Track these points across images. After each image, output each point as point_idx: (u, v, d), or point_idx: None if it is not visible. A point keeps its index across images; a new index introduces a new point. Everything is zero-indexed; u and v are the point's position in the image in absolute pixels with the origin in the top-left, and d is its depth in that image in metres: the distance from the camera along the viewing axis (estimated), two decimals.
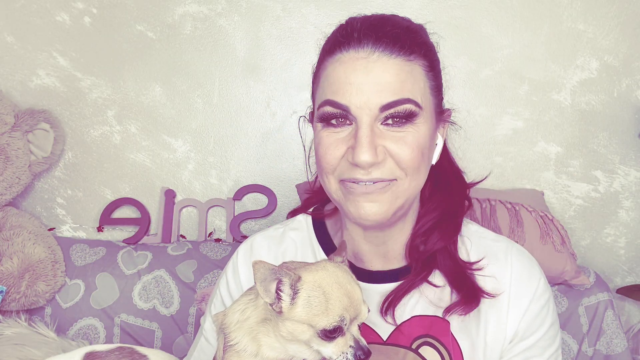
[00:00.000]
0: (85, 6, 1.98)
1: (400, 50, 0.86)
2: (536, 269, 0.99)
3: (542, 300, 0.96)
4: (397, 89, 0.84)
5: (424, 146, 0.87)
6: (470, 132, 1.99)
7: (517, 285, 0.95)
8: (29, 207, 2.01)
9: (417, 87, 0.86)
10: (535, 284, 0.97)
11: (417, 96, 0.86)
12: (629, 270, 1.98)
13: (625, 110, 1.96)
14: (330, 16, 1.97)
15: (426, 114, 0.88)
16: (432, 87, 0.90)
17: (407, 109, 0.85)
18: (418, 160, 0.87)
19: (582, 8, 1.94)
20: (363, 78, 0.84)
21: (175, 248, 1.86)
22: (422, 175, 0.90)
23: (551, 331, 0.97)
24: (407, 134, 0.86)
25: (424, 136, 0.87)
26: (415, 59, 0.87)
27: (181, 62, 1.99)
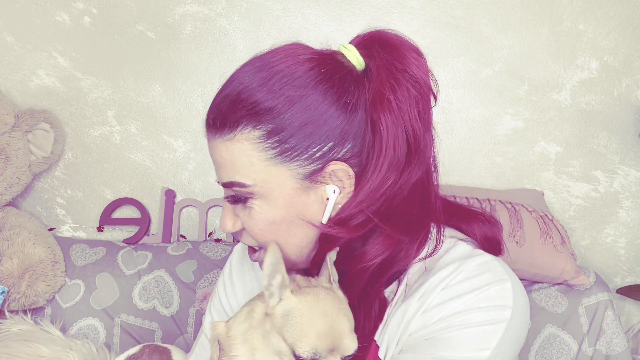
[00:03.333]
0: (85, 6, 1.98)
1: (221, 130, 0.80)
2: (482, 280, 0.80)
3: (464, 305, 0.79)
4: (224, 170, 0.82)
5: (273, 220, 0.81)
6: (470, 132, 1.99)
7: (444, 293, 0.81)
8: (29, 207, 2.01)
9: (242, 166, 0.80)
10: (465, 292, 0.80)
11: (244, 176, 0.80)
12: (629, 270, 1.98)
13: (625, 110, 1.96)
14: (330, 16, 1.97)
15: (268, 187, 0.80)
16: (277, 155, 0.78)
17: (235, 191, 0.81)
18: (269, 234, 0.82)
19: (582, 8, 1.94)
20: (211, 156, 0.85)
21: (175, 248, 1.86)
22: (291, 240, 0.83)
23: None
24: (252, 210, 0.82)
25: (272, 210, 0.81)
26: (239, 133, 0.79)
27: (181, 62, 1.99)
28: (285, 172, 0.80)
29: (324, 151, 0.79)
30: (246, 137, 0.79)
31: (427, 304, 0.81)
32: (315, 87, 0.79)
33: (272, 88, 0.79)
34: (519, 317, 0.80)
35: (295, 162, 0.79)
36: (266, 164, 0.79)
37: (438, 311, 0.79)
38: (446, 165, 1.99)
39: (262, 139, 0.78)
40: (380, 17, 1.97)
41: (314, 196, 0.82)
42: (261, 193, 0.81)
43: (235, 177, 0.81)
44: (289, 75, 0.79)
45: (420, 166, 0.84)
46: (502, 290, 0.79)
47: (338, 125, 0.79)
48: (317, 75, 0.79)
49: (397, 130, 0.80)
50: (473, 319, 0.78)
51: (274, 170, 0.79)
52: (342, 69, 0.81)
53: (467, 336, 0.77)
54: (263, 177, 0.80)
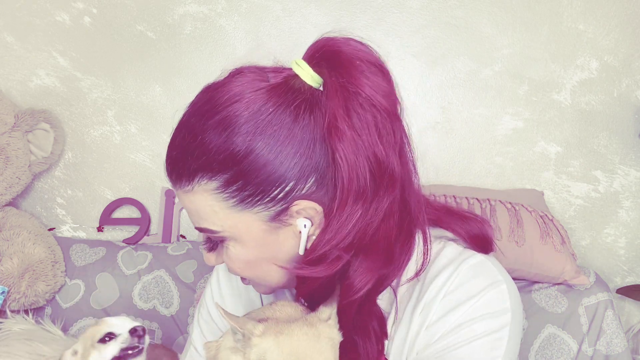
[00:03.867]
0: (85, 6, 1.98)
1: (179, 183, 0.80)
2: (479, 285, 0.79)
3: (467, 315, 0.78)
4: (193, 216, 0.82)
5: (247, 260, 0.82)
6: (470, 132, 1.99)
7: (445, 303, 0.80)
8: (29, 207, 2.01)
9: (205, 216, 0.79)
10: (465, 299, 0.79)
11: (213, 222, 0.79)
12: (629, 270, 1.98)
13: (625, 110, 1.96)
14: (330, 16, 1.97)
15: (235, 232, 0.79)
16: (238, 203, 0.77)
17: (207, 235, 0.83)
18: (247, 271, 0.83)
19: (582, 8, 1.94)
20: None
21: (175, 248, 1.86)
22: (273, 276, 0.84)
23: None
24: (228, 250, 0.82)
25: (243, 252, 0.81)
26: (197, 184, 0.77)
27: (181, 62, 1.99)
28: (250, 217, 0.78)
29: (286, 191, 0.76)
30: (204, 189, 0.77)
31: (430, 317, 0.79)
32: (268, 126, 0.74)
33: (221, 137, 0.75)
34: (518, 316, 0.80)
35: (258, 206, 0.77)
36: (229, 212, 0.78)
37: (441, 325, 0.78)
38: (446, 165, 1.99)
39: (220, 189, 0.76)
40: (380, 17, 1.97)
41: (285, 234, 0.80)
42: (232, 237, 0.80)
43: (203, 224, 0.80)
44: (240, 117, 0.75)
45: (391, 190, 0.78)
46: (499, 294, 0.79)
47: (297, 163, 0.75)
48: (269, 113, 0.75)
49: (358, 159, 0.75)
50: (476, 331, 0.77)
51: (238, 216, 0.78)
52: (295, 99, 0.76)
53: (475, 350, 0.77)
54: (229, 223, 0.78)
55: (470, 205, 1.75)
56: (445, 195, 1.79)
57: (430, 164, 2.00)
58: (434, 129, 1.99)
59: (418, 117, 1.99)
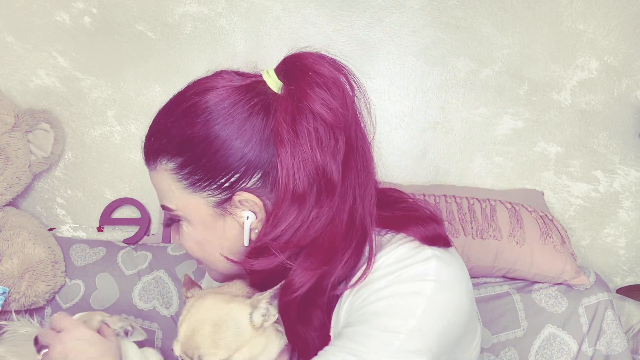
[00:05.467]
0: (85, 6, 1.98)
1: (147, 162, 0.92)
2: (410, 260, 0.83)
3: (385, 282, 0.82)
4: (158, 195, 0.92)
5: (200, 240, 0.90)
6: (470, 132, 1.99)
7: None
8: (29, 207, 2.01)
9: (165, 193, 0.89)
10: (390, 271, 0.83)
11: (168, 201, 0.90)
12: (629, 270, 1.98)
13: (625, 110, 1.96)
14: (330, 16, 1.97)
15: (187, 213, 0.88)
16: (190, 185, 0.86)
17: (168, 213, 0.91)
18: (197, 251, 0.92)
19: (582, 8, 1.94)
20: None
21: (176, 248, 1.86)
22: (220, 260, 0.91)
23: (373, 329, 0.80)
24: (182, 229, 0.92)
25: (194, 233, 0.90)
26: (159, 163, 0.89)
27: (181, 62, 2.00)
28: (200, 200, 0.86)
29: (231, 182, 0.84)
30: (164, 168, 0.88)
31: (359, 286, 0.84)
32: (224, 120, 0.83)
33: (185, 122, 0.85)
34: (445, 291, 0.82)
35: (206, 191, 0.86)
36: (182, 192, 0.87)
37: (367, 289, 0.83)
38: (446, 165, 1.99)
39: (176, 170, 0.86)
40: (380, 17, 1.97)
41: (230, 222, 0.88)
42: (184, 216, 0.89)
43: (163, 202, 0.91)
44: (200, 109, 0.84)
45: (330, 198, 0.82)
46: (425, 267, 0.82)
47: (243, 157, 0.83)
48: (226, 108, 0.83)
49: (295, 165, 0.81)
50: (396, 291, 0.81)
51: (189, 198, 0.87)
52: (252, 99, 0.84)
53: (393, 307, 0.80)
54: (182, 203, 0.88)
55: (471, 205, 1.75)
56: (445, 195, 1.79)
57: (430, 164, 2.00)
58: (434, 129, 1.99)
59: (418, 117, 2.00)
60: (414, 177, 2.00)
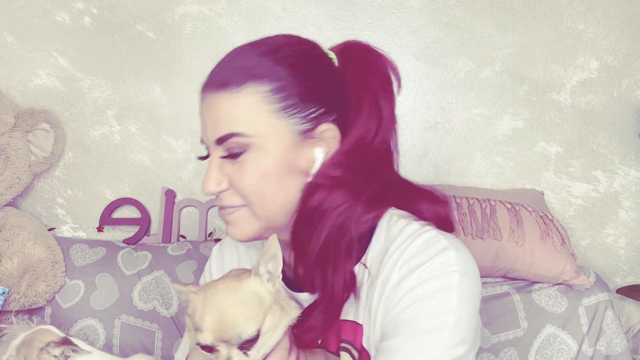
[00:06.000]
0: (85, 6, 1.98)
1: (228, 84, 0.90)
2: (430, 252, 0.87)
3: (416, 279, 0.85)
4: (224, 123, 0.90)
5: (265, 173, 0.90)
6: (470, 132, 1.99)
7: (402, 271, 0.87)
8: (29, 207, 2.01)
9: (245, 117, 0.89)
10: (417, 265, 0.86)
11: (246, 126, 0.89)
12: (629, 270, 1.98)
13: (625, 110, 1.96)
14: (330, 16, 1.97)
15: (267, 140, 0.89)
16: (279, 110, 0.89)
17: (235, 141, 0.89)
18: (258, 187, 0.90)
19: (582, 8, 1.94)
20: (205, 116, 0.93)
21: (176, 248, 1.86)
22: (275, 199, 0.92)
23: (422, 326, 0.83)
24: (244, 163, 0.90)
25: (266, 162, 0.90)
26: (247, 87, 0.89)
27: (181, 62, 2.00)
28: (284, 127, 0.89)
29: (319, 113, 0.91)
30: (254, 91, 0.88)
31: (387, 288, 0.87)
32: (315, 60, 0.93)
33: (277, 54, 0.91)
34: (467, 278, 0.86)
35: (293, 118, 0.89)
36: (268, 117, 0.89)
37: (395, 293, 0.86)
38: (446, 165, 1.99)
39: (270, 93, 0.88)
40: (380, 17, 1.97)
41: (303, 155, 0.91)
42: (259, 145, 0.89)
43: (235, 129, 0.89)
44: (293, 47, 0.93)
45: (388, 132, 0.95)
46: (445, 259, 0.85)
47: (330, 96, 0.92)
48: (315, 53, 0.95)
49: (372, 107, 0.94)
50: (426, 291, 0.84)
51: (275, 123, 0.89)
52: (328, 58, 0.96)
53: (428, 308, 0.83)
54: (264, 128, 0.89)
55: (471, 205, 1.75)
56: None
57: (430, 164, 2.00)
58: (434, 129, 1.99)
59: (418, 117, 2.00)
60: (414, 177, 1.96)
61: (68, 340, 1.25)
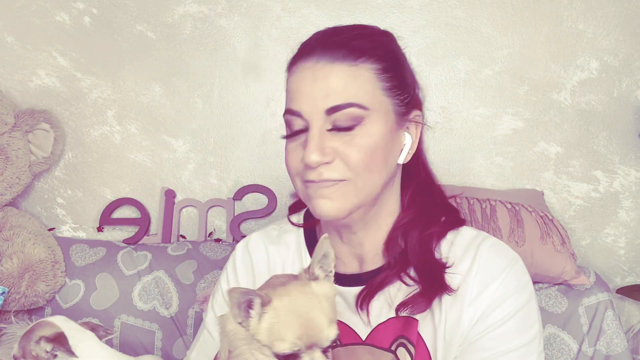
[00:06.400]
0: (85, 6, 1.98)
1: (344, 57, 0.90)
2: (503, 263, 0.94)
3: (500, 291, 0.92)
4: (340, 93, 0.89)
5: (375, 147, 0.91)
6: (470, 132, 1.99)
7: (479, 279, 0.93)
8: (29, 207, 2.01)
9: (362, 90, 0.90)
10: (496, 275, 0.93)
11: (363, 98, 0.90)
12: (629, 270, 1.98)
13: (625, 110, 1.96)
14: (330, 16, 1.97)
15: (378, 115, 0.91)
16: (387, 88, 0.92)
17: (351, 112, 0.89)
18: (367, 160, 0.91)
19: (582, 8, 1.94)
20: (310, 85, 0.90)
21: (175, 248, 1.86)
22: (377, 175, 0.93)
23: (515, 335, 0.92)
24: (356, 136, 0.90)
25: (376, 137, 0.91)
26: (362, 62, 0.91)
27: (181, 62, 1.99)
28: (390, 105, 0.93)
29: (411, 98, 0.96)
30: (368, 67, 0.91)
31: (470, 294, 0.92)
32: (402, 53, 0.99)
33: (385, 38, 0.97)
34: (532, 285, 0.96)
35: (395, 99, 0.94)
36: (379, 93, 0.92)
37: (480, 302, 0.91)
38: (446, 165, 1.99)
39: (380, 71, 0.92)
40: (380, 17, 1.97)
41: (398, 137, 0.95)
42: (371, 118, 0.91)
43: (354, 99, 0.89)
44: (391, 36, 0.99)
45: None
46: (521, 267, 0.95)
47: (417, 87, 0.99)
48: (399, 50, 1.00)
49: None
50: (515, 306, 0.91)
51: (385, 100, 0.93)
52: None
53: (519, 323, 0.91)
54: (377, 104, 0.91)
55: (471, 205, 1.75)
56: None
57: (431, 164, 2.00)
58: (434, 129, 1.99)
59: None
60: None
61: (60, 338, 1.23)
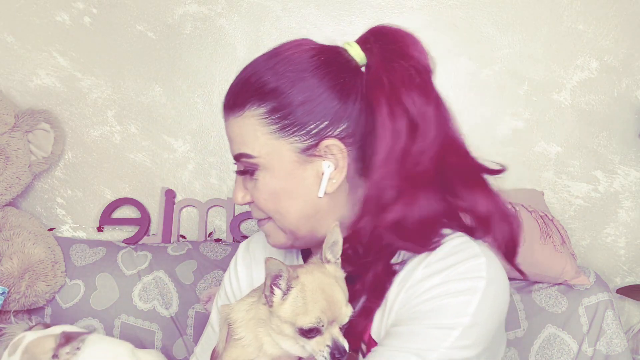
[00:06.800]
0: (85, 6, 1.98)
1: (232, 109, 0.92)
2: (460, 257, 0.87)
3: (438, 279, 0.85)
4: (236, 144, 0.93)
5: (275, 191, 0.92)
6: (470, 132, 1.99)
7: (427, 271, 0.88)
8: (29, 207, 2.01)
9: (249, 138, 0.91)
10: (444, 268, 0.86)
11: (250, 147, 0.91)
12: (629, 270, 1.98)
13: (625, 110, 1.96)
14: (330, 16, 1.97)
15: (270, 160, 0.91)
16: (277, 130, 0.90)
17: (244, 161, 0.93)
18: (272, 204, 0.93)
19: (582, 8, 1.94)
20: (226, 134, 0.96)
21: (175, 248, 1.86)
22: (293, 213, 0.93)
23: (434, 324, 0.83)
24: (258, 182, 0.92)
25: (273, 182, 0.92)
26: (248, 110, 0.91)
27: (181, 62, 1.99)
28: (286, 146, 0.90)
29: (320, 128, 0.89)
30: (252, 114, 0.90)
31: (410, 282, 0.87)
32: (315, 71, 0.90)
33: (276, 71, 0.90)
34: (494, 287, 0.86)
35: (294, 137, 0.89)
36: (269, 138, 0.90)
37: (419, 287, 0.86)
38: None
39: (266, 115, 0.89)
40: (380, 17, 1.97)
41: (310, 170, 0.91)
42: (264, 165, 0.91)
43: (243, 149, 0.92)
44: (292, 61, 0.91)
45: (429, 135, 0.93)
46: (476, 265, 0.86)
47: (333, 106, 0.89)
48: (317, 62, 0.91)
49: (394, 106, 0.89)
50: (450, 290, 0.84)
51: (276, 143, 0.90)
52: (341, 59, 0.92)
53: (447, 305, 0.84)
54: (266, 149, 0.90)
55: None
56: None
57: None
58: None
59: None
60: None
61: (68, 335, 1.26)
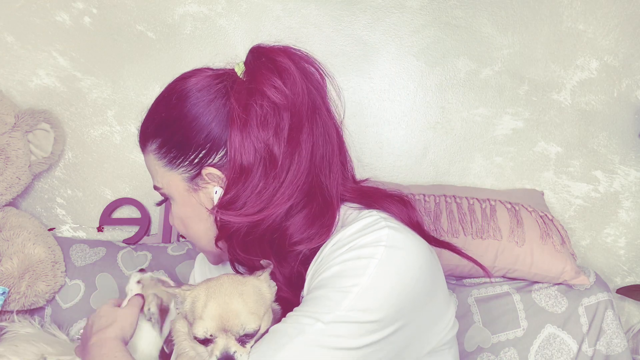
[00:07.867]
0: (85, 6, 1.98)
1: (140, 146, 1.04)
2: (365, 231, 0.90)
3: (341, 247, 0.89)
4: (151, 177, 1.04)
5: (182, 216, 1.02)
6: (470, 132, 1.99)
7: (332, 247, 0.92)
8: (29, 207, 2.01)
9: (153, 172, 1.02)
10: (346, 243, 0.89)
11: (157, 180, 1.02)
12: (629, 270, 1.98)
13: (625, 110, 1.96)
14: (330, 16, 1.97)
15: (171, 190, 1.00)
16: (168, 163, 0.98)
17: (159, 192, 1.03)
18: (183, 228, 1.04)
19: (582, 8, 1.94)
20: None
21: (175, 248, 1.86)
22: (203, 235, 1.01)
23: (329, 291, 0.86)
24: (172, 210, 1.04)
25: (178, 209, 1.02)
26: (149, 146, 1.01)
27: (181, 62, 1.99)
28: (177, 177, 0.98)
29: (200, 157, 0.95)
30: (149, 150, 1.01)
31: (321, 256, 0.91)
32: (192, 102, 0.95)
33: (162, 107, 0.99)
34: (398, 254, 0.87)
35: (181, 168, 0.97)
36: (164, 171, 0.99)
37: (327, 259, 0.89)
38: (446, 165, 1.99)
39: (157, 150, 0.99)
40: (380, 17, 1.97)
41: (203, 196, 0.98)
42: (169, 195, 1.01)
43: (154, 182, 1.03)
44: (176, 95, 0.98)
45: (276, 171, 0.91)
46: (378, 235, 0.88)
47: (209, 134, 0.94)
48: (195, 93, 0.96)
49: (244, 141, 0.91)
50: (351, 257, 0.86)
51: (169, 175, 0.99)
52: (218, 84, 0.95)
53: (345, 269, 0.86)
54: (165, 181, 1.00)
55: (471, 205, 1.75)
56: (445, 195, 1.79)
57: (430, 164, 2.00)
58: (434, 129, 1.99)
59: (418, 117, 2.00)
60: (414, 177, 2.00)
61: None
